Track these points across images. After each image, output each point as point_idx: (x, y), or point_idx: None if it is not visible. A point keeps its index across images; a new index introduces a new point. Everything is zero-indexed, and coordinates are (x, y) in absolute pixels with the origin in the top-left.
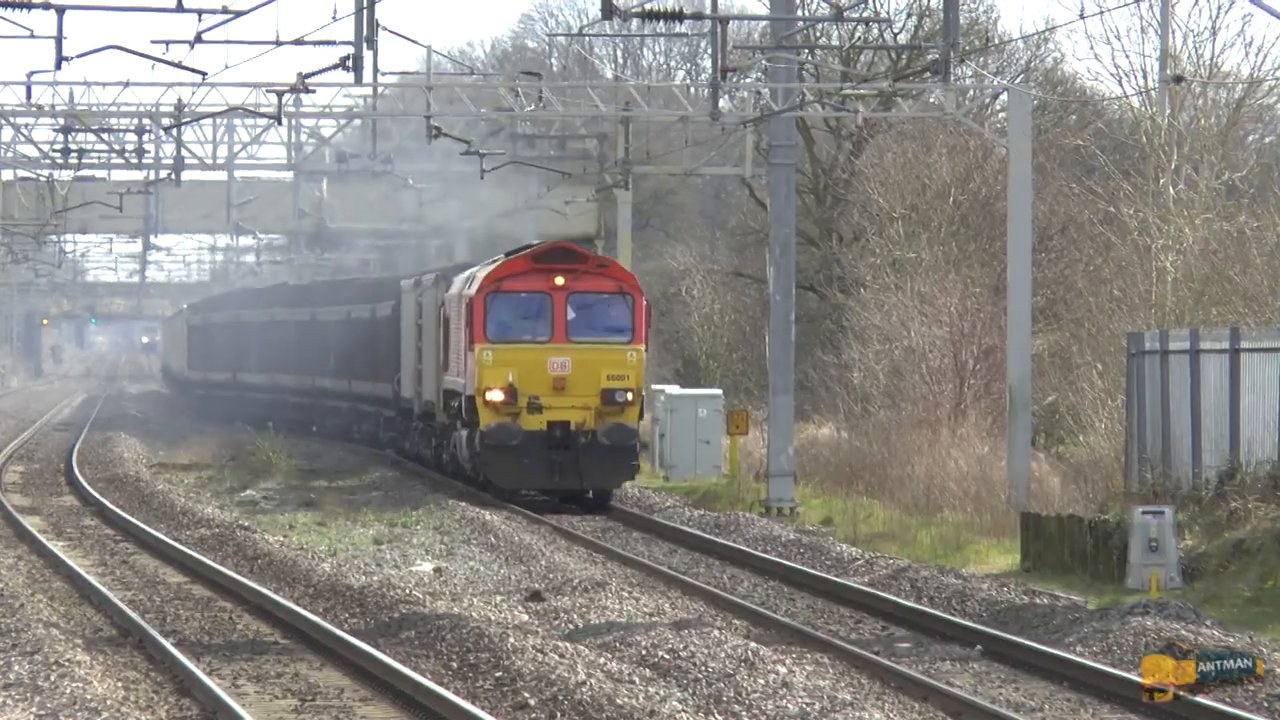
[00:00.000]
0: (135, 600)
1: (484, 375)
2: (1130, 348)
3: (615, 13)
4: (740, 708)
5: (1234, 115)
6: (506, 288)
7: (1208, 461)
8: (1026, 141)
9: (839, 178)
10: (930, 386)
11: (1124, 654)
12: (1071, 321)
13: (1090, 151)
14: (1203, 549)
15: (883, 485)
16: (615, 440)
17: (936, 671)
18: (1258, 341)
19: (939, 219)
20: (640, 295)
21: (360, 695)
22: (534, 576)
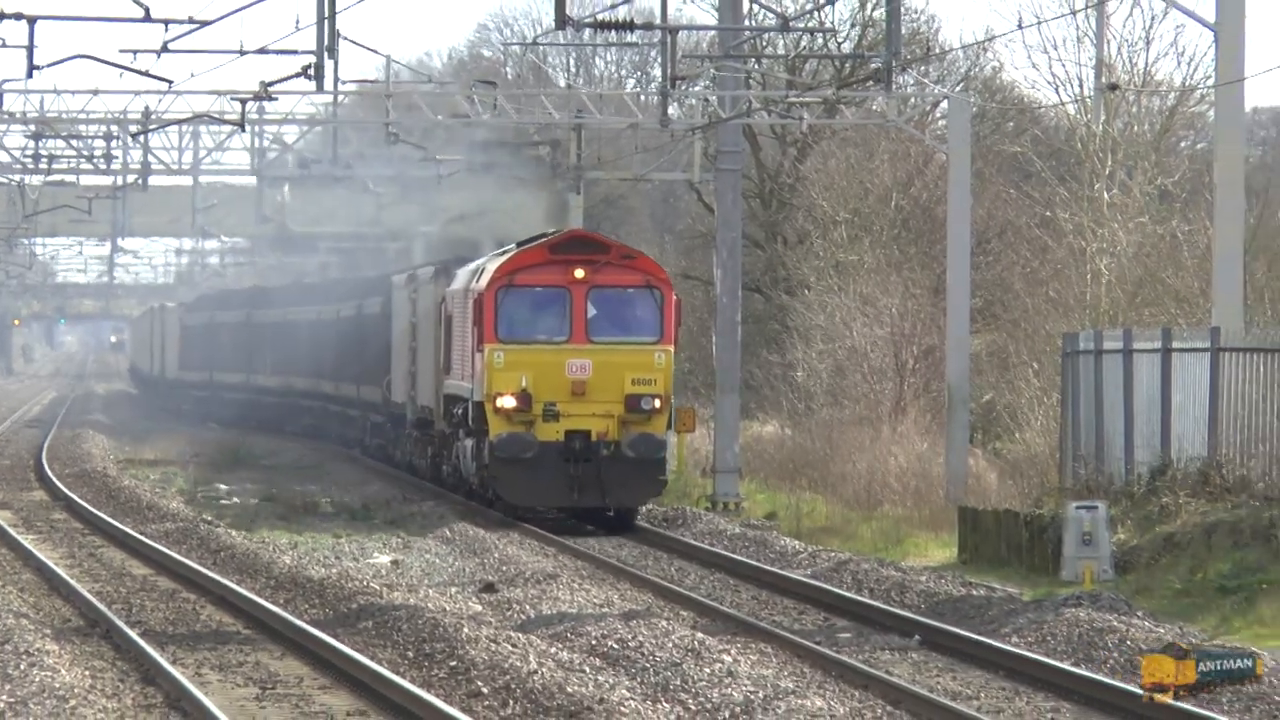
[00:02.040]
0: (102, 592)
1: (494, 379)
2: (1065, 347)
3: (568, 23)
4: (687, 696)
5: (1166, 122)
6: (520, 281)
7: (1140, 458)
8: (966, 148)
9: (784, 183)
10: (871, 385)
11: (1058, 644)
12: (1009, 322)
13: (1027, 157)
14: (1135, 543)
15: (825, 481)
16: (641, 452)
17: (876, 661)
18: (1188, 342)
19: (881, 223)
20: (670, 290)
21: (319, 684)
22: (487, 569)
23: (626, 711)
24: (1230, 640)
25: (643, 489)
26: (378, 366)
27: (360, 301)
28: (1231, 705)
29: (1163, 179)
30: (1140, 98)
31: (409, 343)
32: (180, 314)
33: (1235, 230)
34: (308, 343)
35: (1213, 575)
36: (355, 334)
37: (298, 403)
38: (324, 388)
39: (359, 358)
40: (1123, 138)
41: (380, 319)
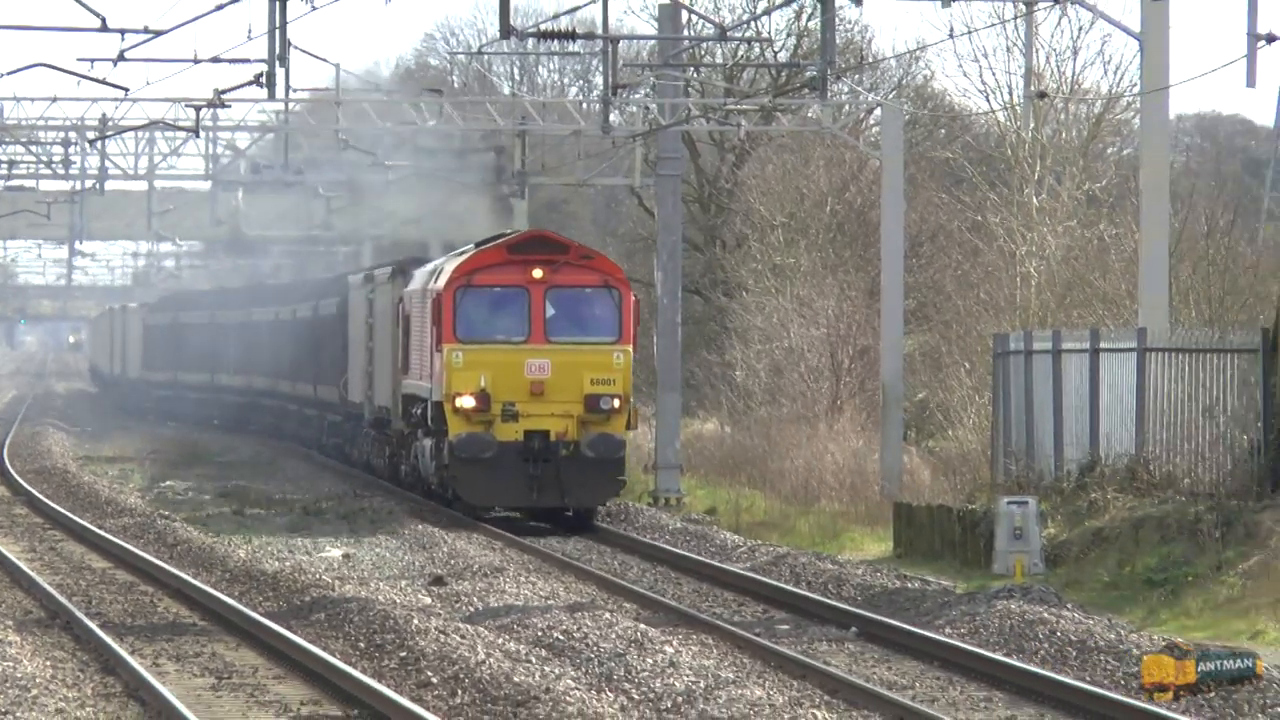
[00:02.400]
0: (63, 584)
1: (453, 379)
2: (996, 348)
3: (512, 32)
4: (630, 685)
5: (1094, 129)
6: (479, 281)
7: (1069, 455)
8: (898, 154)
9: (723, 188)
10: (808, 384)
11: (990, 635)
12: (941, 323)
13: (959, 163)
14: (1064, 537)
15: (764, 477)
16: (600, 452)
17: (814, 651)
18: (1115, 342)
19: (817, 227)
20: (628, 290)
21: (274, 673)
22: (436, 562)
23: (572, 701)
24: (1156, 631)
25: (601, 489)
26: (334, 366)
27: (317, 302)
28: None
29: (1090, 184)
30: (1068, 105)
31: (366, 343)
32: (143, 314)
33: (1161, 234)
34: (266, 343)
35: (1140, 569)
36: (311, 334)
37: (258, 402)
38: (281, 387)
39: (315, 358)
40: (1051, 144)
41: (337, 319)
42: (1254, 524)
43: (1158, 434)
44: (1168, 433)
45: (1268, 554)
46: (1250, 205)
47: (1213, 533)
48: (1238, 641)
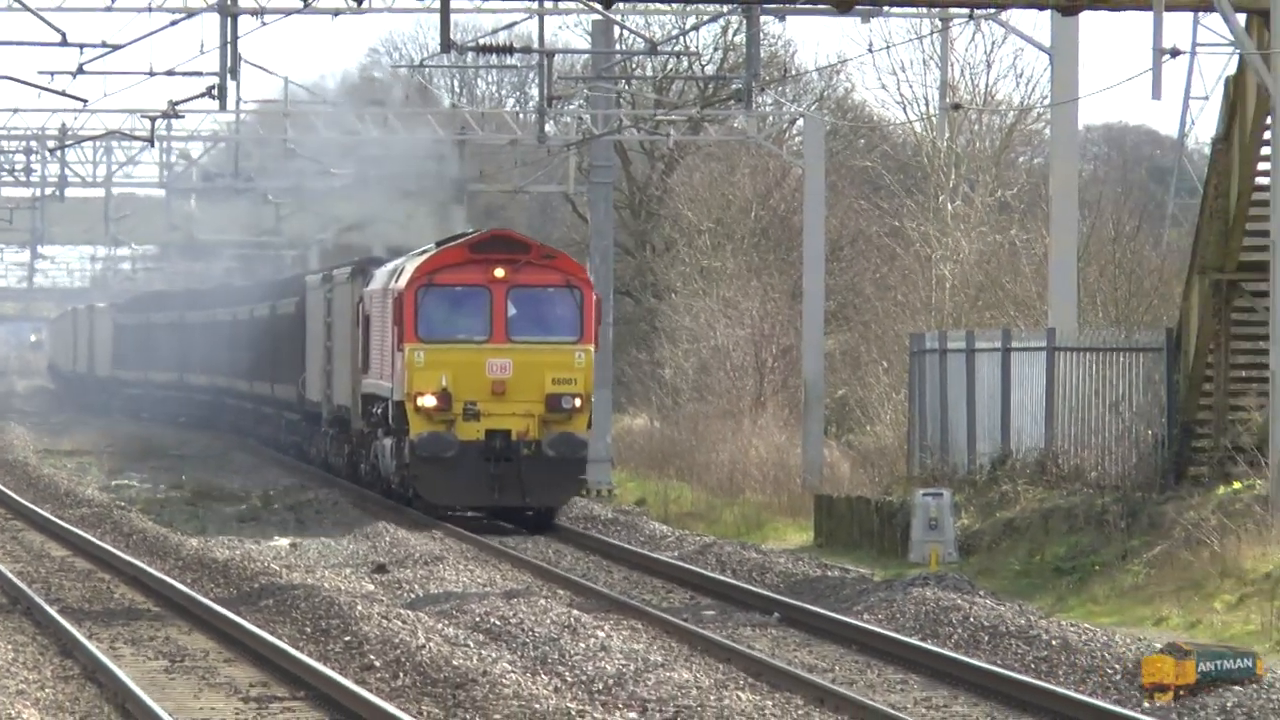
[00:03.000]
0: (23, 572)
1: (414, 378)
2: (912, 347)
3: (452, 47)
4: (564, 668)
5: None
6: (440, 280)
7: (981, 449)
8: (820, 162)
9: (652, 194)
10: (733, 381)
11: (906, 621)
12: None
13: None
14: (977, 527)
15: (691, 470)
16: (561, 451)
17: (739, 636)
18: (1026, 342)
19: (742, 231)
20: (590, 289)
21: (224, 657)
22: (379, 551)
23: (508, 683)
24: (1064, 617)
25: (563, 488)
26: (292, 365)
27: (274, 302)
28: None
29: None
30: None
31: (324, 342)
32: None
33: (1069, 239)
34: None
35: (1049, 557)
36: (269, 334)
37: (220, 400)
38: (239, 385)
39: (273, 357)
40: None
41: (294, 319)
42: (1158, 515)
43: (1066, 429)
44: (1076, 428)
45: (1171, 544)
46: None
47: (1118, 523)
48: (1140, 628)
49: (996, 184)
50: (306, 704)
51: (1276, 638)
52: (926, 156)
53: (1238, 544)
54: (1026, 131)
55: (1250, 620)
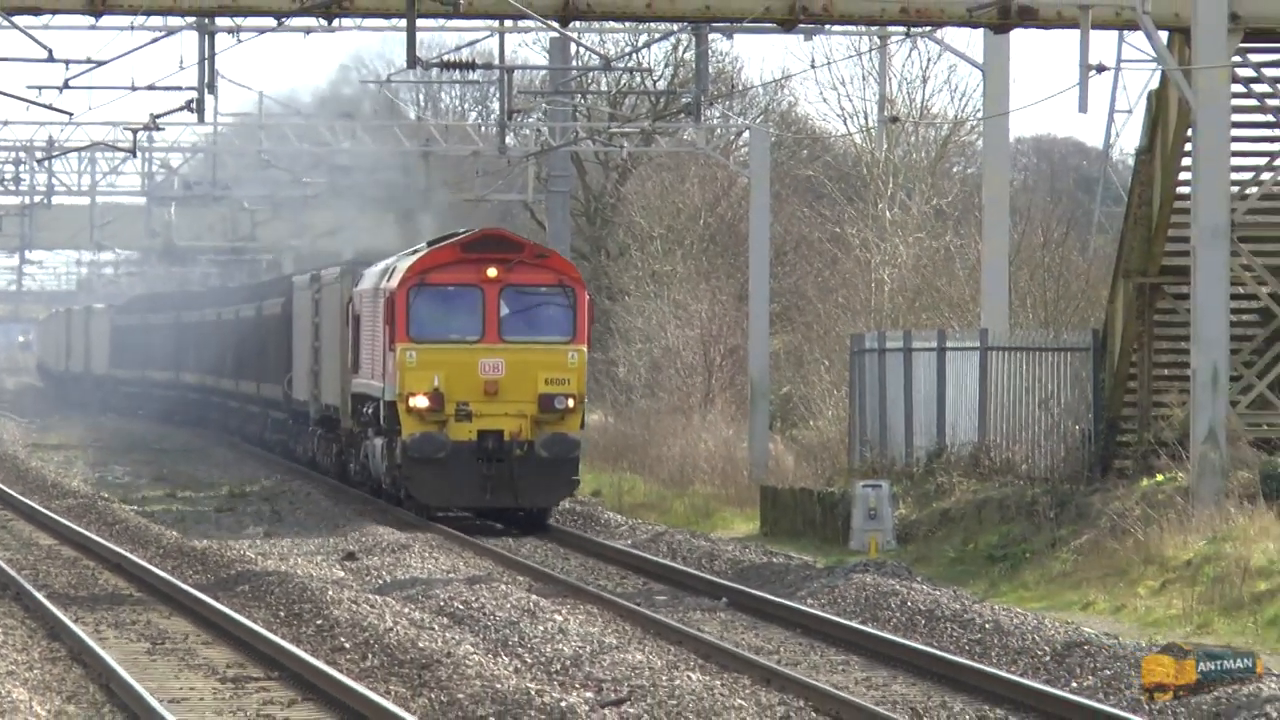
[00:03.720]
0: (12, 559)
1: (406, 379)
2: (853, 347)
3: (418, 63)
4: (523, 650)
5: (941, 150)
6: (432, 280)
7: (918, 443)
8: (765, 172)
9: (607, 202)
10: (684, 379)
11: (848, 605)
12: (803, 324)
13: (819, 180)
14: (914, 517)
15: (644, 463)
16: (555, 452)
17: (689, 620)
18: (960, 342)
19: (691, 237)
20: (583, 289)
21: (203, 639)
22: (349, 540)
23: (471, 664)
24: (996, 601)
25: (556, 489)
26: (278, 365)
27: (260, 303)
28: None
29: (938, 199)
30: (918, 129)
31: (311, 342)
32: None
33: (1001, 244)
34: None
35: (982, 545)
36: (255, 334)
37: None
38: (225, 384)
39: (259, 357)
40: (902, 163)
41: (281, 319)
42: (1085, 505)
43: (998, 424)
44: (1007, 423)
45: (1097, 532)
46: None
47: (1048, 513)
48: (1068, 612)
49: (932, 192)
50: (280, 684)
51: (1197, 621)
52: (866, 166)
53: (1160, 533)
54: (960, 143)
55: (1172, 605)
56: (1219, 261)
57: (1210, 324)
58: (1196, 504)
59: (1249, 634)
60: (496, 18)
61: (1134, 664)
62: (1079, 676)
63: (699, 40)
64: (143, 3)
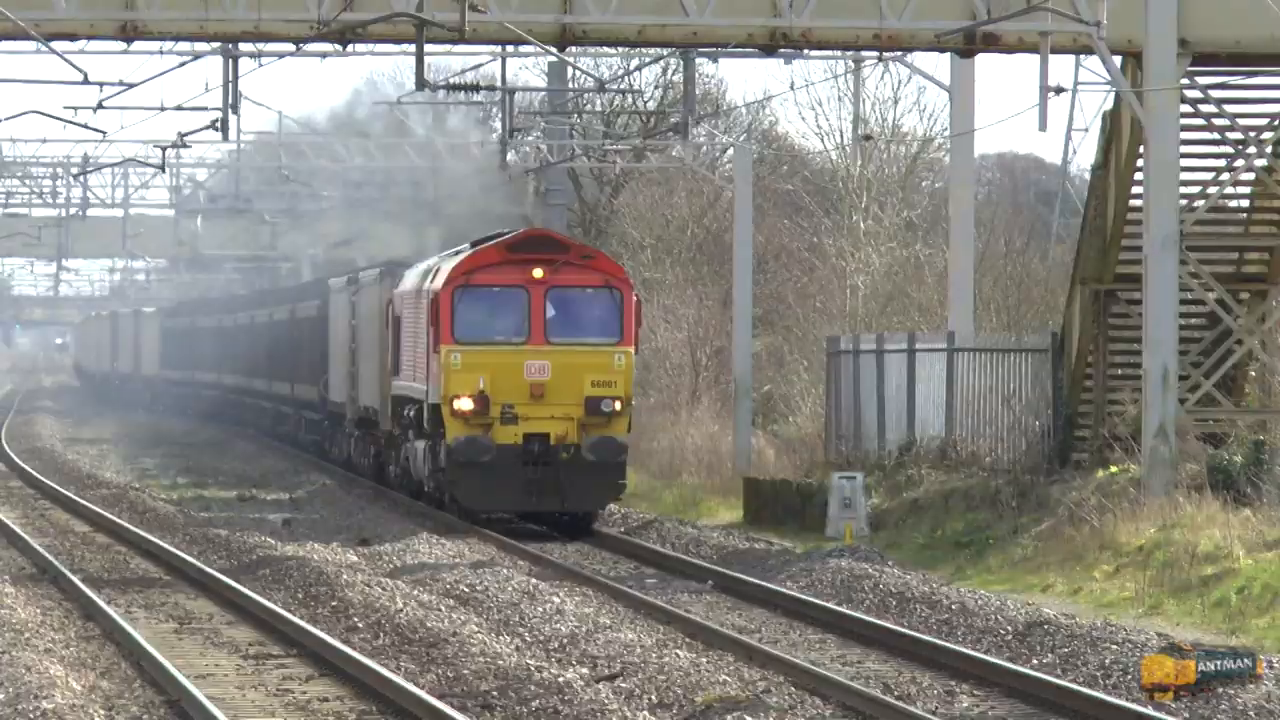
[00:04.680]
0: (50, 545)
1: (451, 381)
2: (829, 348)
3: (426, 85)
4: (524, 629)
5: (911, 165)
6: (477, 281)
7: (890, 437)
8: (748, 186)
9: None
10: (672, 378)
11: (824, 588)
12: (783, 327)
13: (798, 194)
14: (886, 506)
15: (634, 456)
16: (601, 456)
17: (677, 601)
18: (929, 344)
19: (679, 247)
20: (629, 290)
21: (226, 619)
22: (364, 526)
23: (475, 643)
24: (963, 584)
25: (602, 493)
26: (313, 366)
27: (293, 305)
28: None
29: (908, 212)
30: (889, 146)
31: (349, 344)
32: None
33: (967, 254)
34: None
35: (949, 532)
36: (289, 336)
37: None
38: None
39: (293, 358)
40: (875, 178)
41: (316, 321)
42: (1045, 495)
43: (964, 420)
44: (973, 419)
45: (1056, 520)
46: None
47: (1010, 502)
48: (1029, 594)
49: (903, 205)
50: (299, 661)
51: (1149, 603)
52: (841, 181)
53: (1114, 521)
54: (929, 159)
55: (1126, 588)
56: (1169, 270)
57: (1161, 327)
58: (1148, 494)
59: (1196, 615)
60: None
61: (1089, 642)
62: (1039, 654)
63: (686, 64)
64: (171, 29)
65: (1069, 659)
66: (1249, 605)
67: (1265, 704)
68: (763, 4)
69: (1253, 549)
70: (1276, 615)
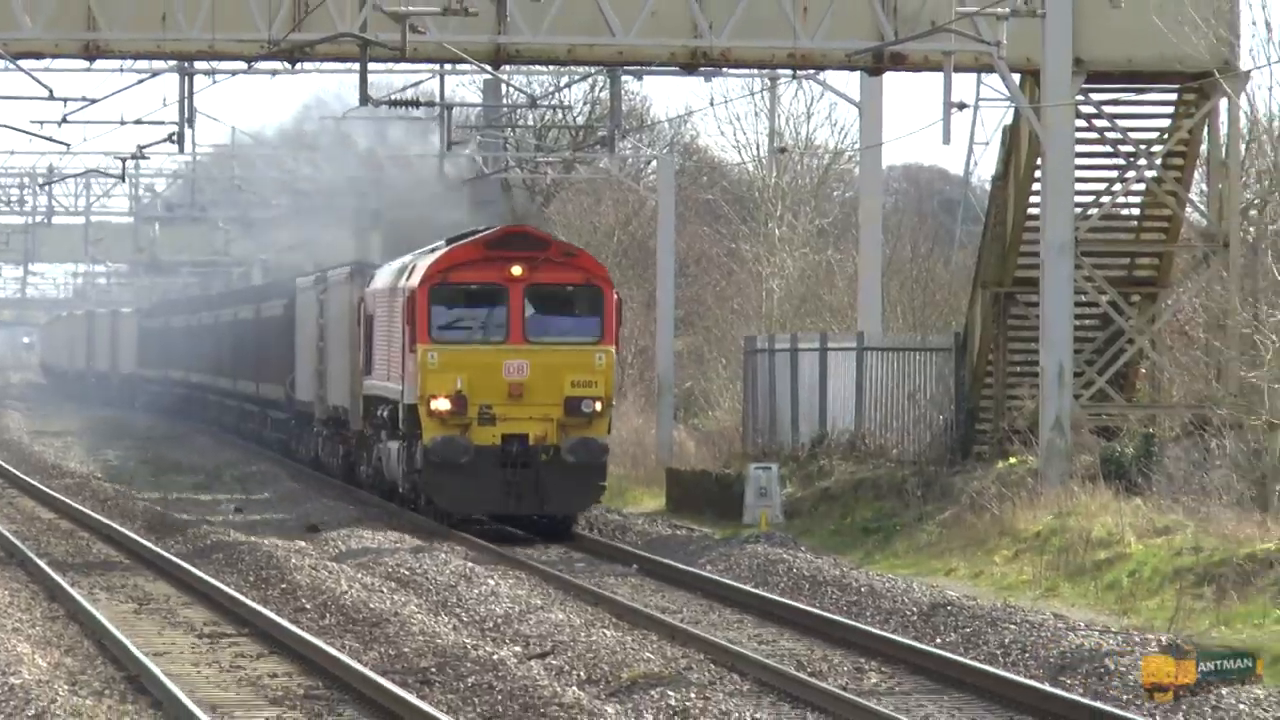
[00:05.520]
0: (18, 531)
1: (428, 381)
2: (746, 347)
3: (369, 101)
4: (461, 610)
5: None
6: (454, 279)
7: (803, 431)
8: (670, 196)
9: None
10: None
11: (742, 571)
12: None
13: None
14: (799, 495)
15: None
16: (581, 457)
17: (604, 584)
18: (840, 343)
19: (606, 252)
20: (610, 288)
21: (183, 600)
22: (310, 515)
23: (416, 622)
24: (871, 568)
25: (583, 495)
26: (279, 365)
27: (259, 305)
28: None
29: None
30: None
31: (316, 343)
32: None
33: (875, 259)
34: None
35: (859, 520)
36: (254, 335)
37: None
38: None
39: (258, 356)
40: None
41: (281, 321)
42: (948, 485)
43: (873, 415)
44: (881, 414)
45: (959, 508)
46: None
47: (915, 492)
48: (933, 577)
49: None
50: (250, 639)
51: (1045, 585)
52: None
53: (1013, 509)
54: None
55: (1024, 571)
56: (1064, 274)
57: (1056, 328)
58: (1044, 484)
59: (1090, 597)
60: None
61: (990, 622)
62: (943, 633)
63: (613, 81)
64: (131, 48)
65: (970, 638)
66: (1139, 588)
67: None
68: (684, 25)
69: (1143, 535)
70: (1165, 597)
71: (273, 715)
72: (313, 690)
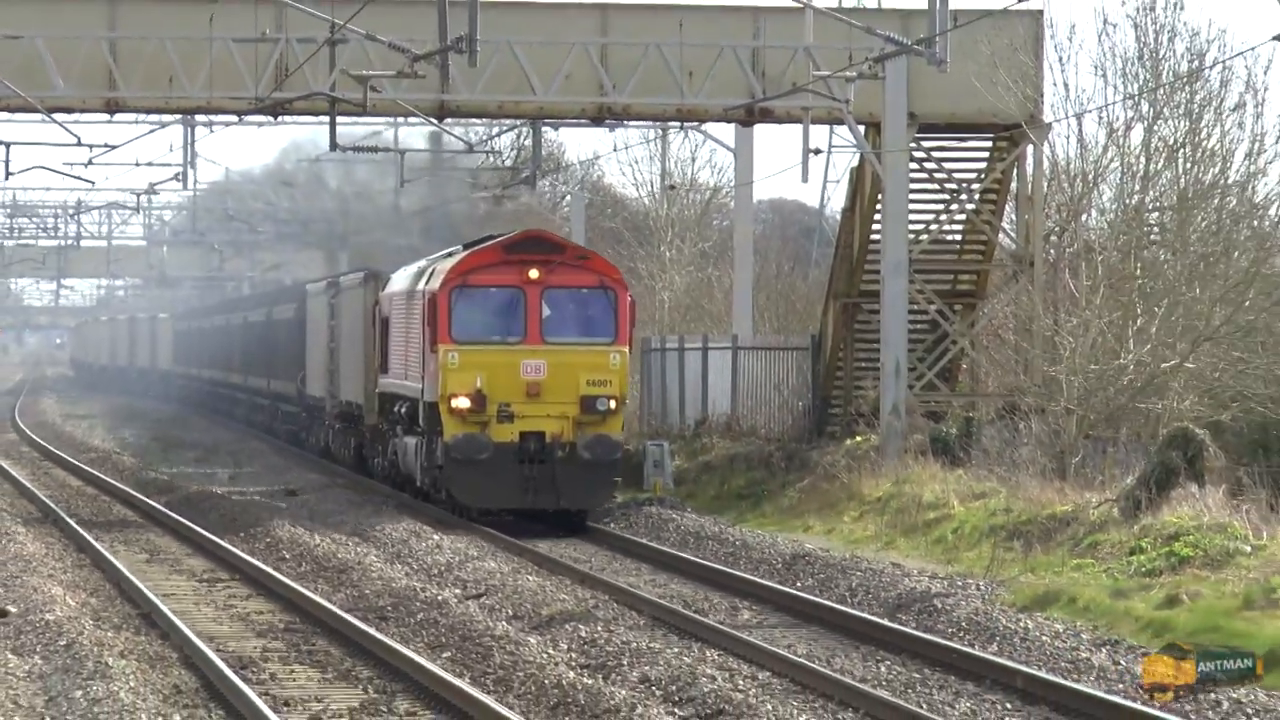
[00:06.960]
0: (52, 495)
1: (449, 380)
2: (643, 347)
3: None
4: (411, 560)
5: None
6: (474, 281)
7: (689, 414)
8: (581, 225)
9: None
10: None
11: (640, 529)
12: None
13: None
14: (686, 466)
15: None
16: (596, 454)
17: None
18: (718, 344)
19: None
20: (624, 290)
21: (186, 552)
22: (289, 482)
23: (375, 569)
24: (744, 526)
25: (597, 491)
26: (290, 363)
27: (269, 308)
28: None
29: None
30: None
31: (327, 343)
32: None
33: (746, 276)
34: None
35: (734, 487)
36: (266, 335)
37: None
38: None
39: (269, 355)
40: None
41: (292, 323)
42: (806, 458)
43: (745, 401)
44: (752, 400)
45: (815, 477)
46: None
47: (780, 464)
48: (795, 533)
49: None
50: (240, 583)
51: (885, 540)
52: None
53: (859, 478)
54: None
55: (868, 528)
56: (900, 287)
57: (894, 331)
58: (884, 457)
59: (922, 549)
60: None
61: (840, 569)
62: (802, 578)
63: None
64: (144, 104)
65: (825, 582)
66: (961, 542)
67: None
68: (592, 86)
69: (964, 499)
70: (983, 550)
71: (259, 644)
72: (292, 624)
